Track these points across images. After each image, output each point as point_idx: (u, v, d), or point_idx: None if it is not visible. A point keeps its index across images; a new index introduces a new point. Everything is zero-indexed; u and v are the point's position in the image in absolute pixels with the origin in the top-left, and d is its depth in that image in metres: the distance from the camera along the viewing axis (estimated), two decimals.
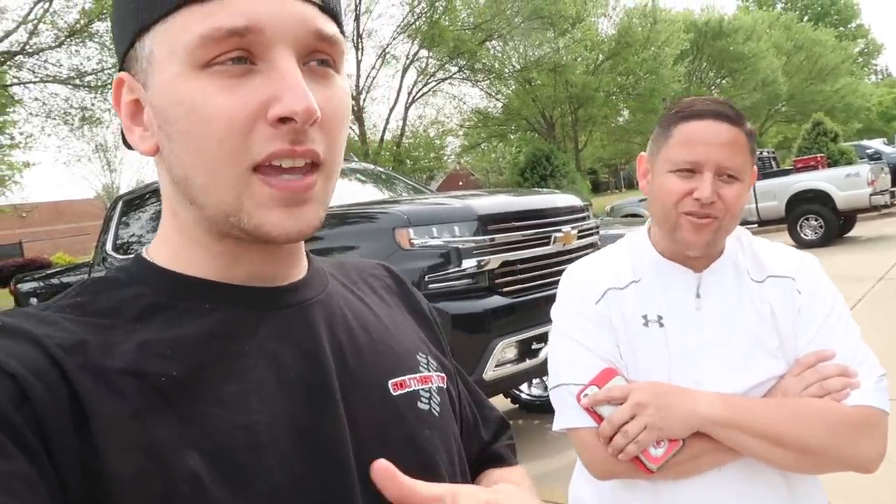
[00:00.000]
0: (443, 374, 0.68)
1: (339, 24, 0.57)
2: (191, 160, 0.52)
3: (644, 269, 1.13)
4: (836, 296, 1.11)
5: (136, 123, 0.56)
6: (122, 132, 0.64)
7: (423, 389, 0.64)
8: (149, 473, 0.45)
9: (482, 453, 0.77)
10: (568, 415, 1.07)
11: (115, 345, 0.49)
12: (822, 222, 11.25)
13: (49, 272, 6.77)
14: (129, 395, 0.47)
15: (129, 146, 0.65)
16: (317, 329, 0.58)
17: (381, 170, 6.01)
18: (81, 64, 11.27)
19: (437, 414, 0.64)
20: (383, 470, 0.47)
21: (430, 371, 0.66)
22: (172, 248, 0.57)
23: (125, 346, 0.49)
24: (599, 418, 1.03)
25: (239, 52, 0.50)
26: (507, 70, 20.86)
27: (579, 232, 3.83)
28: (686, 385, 1.03)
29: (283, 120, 0.50)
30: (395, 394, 0.61)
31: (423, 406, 0.63)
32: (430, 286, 3.20)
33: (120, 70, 0.56)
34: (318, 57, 0.54)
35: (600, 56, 21.18)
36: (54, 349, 0.46)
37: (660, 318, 1.08)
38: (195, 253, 0.56)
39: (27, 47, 10.55)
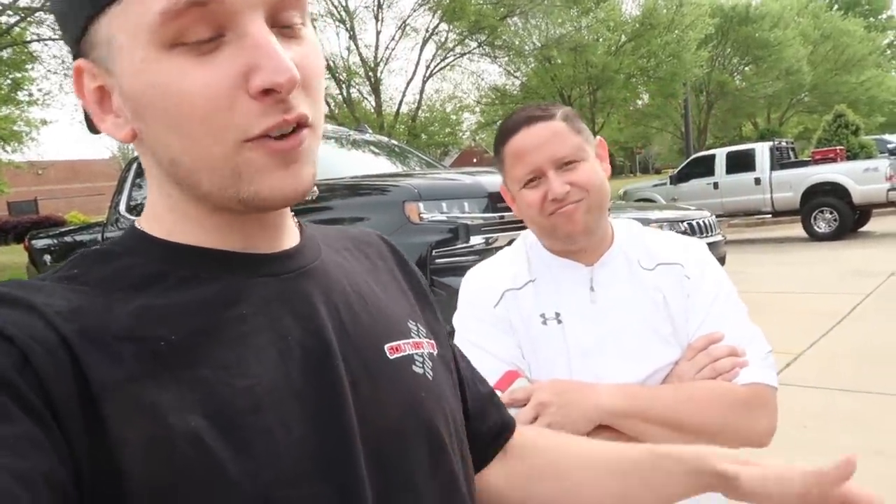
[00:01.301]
0: (433, 342, 0.69)
1: None
2: (176, 142, 0.51)
3: (539, 269, 1.15)
4: (722, 279, 1.13)
5: (105, 111, 0.54)
6: (86, 120, 0.60)
7: (416, 354, 0.65)
8: (151, 436, 0.45)
9: (495, 421, 0.79)
10: None
11: (113, 311, 0.49)
12: (836, 215, 11.13)
13: (63, 230, 6.85)
14: (127, 360, 0.47)
15: (94, 131, 0.63)
16: (313, 294, 0.59)
17: (395, 143, 6.00)
18: None
19: (430, 378, 0.65)
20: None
21: (420, 337, 0.67)
22: (165, 225, 0.57)
23: (122, 312, 0.49)
24: None
25: (204, 30, 0.48)
26: (527, 47, 20.62)
27: None
28: (587, 379, 1.05)
29: (266, 92, 0.48)
30: (391, 357, 0.62)
31: (417, 370, 0.64)
32: (438, 261, 3.22)
33: (75, 57, 0.54)
34: (286, 18, 0.51)
35: (622, 37, 20.87)
36: (52, 315, 0.46)
37: (557, 314, 1.10)
38: (189, 227, 0.56)
39: (47, 3, 10.55)
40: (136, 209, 5.58)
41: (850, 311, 5.96)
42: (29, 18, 10.66)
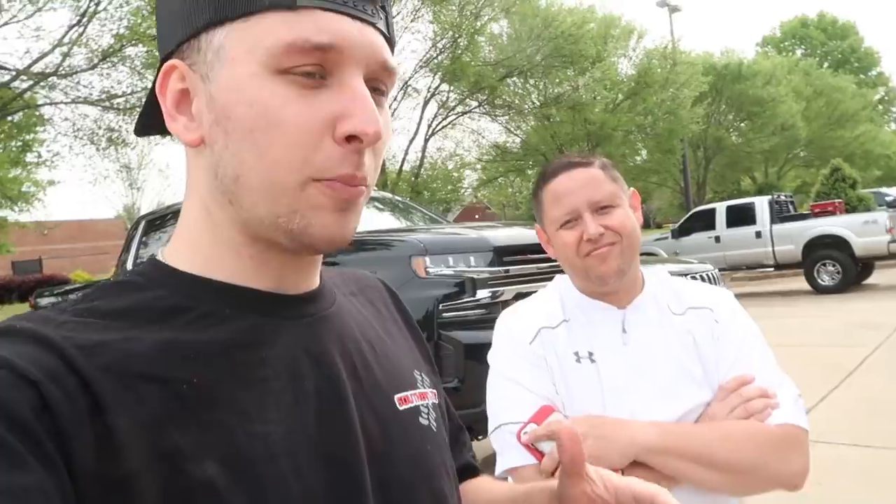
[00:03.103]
0: (435, 391, 0.69)
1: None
2: (252, 160, 0.52)
3: (572, 310, 1.19)
4: (751, 324, 1.17)
5: (180, 112, 0.55)
6: (140, 120, 0.63)
7: (422, 405, 0.65)
8: (167, 481, 0.45)
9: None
10: (509, 455, 1.09)
11: (135, 346, 0.48)
12: (839, 268, 11.15)
13: (68, 287, 6.86)
14: (149, 401, 0.46)
15: (141, 133, 0.65)
16: (330, 340, 0.59)
17: (399, 198, 6.08)
18: (112, 87, 11.56)
19: (434, 429, 0.65)
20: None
21: (424, 387, 0.67)
22: (199, 250, 0.57)
23: (145, 348, 0.49)
24: (540, 455, 1.05)
25: (314, 67, 0.51)
26: (526, 106, 21.06)
27: None
28: (620, 416, 1.07)
29: (350, 138, 0.51)
30: (401, 408, 0.62)
31: (423, 421, 0.64)
32: (445, 315, 3.22)
33: (166, 58, 0.56)
34: (378, 85, 0.56)
35: (619, 95, 21.32)
36: (72, 351, 0.45)
37: (591, 353, 1.13)
38: (223, 255, 0.56)
39: (60, 69, 10.85)
40: None
41: (858, 365, 5.90)
42: (42, 83, 10.94)
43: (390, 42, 0.57)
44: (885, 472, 3.54)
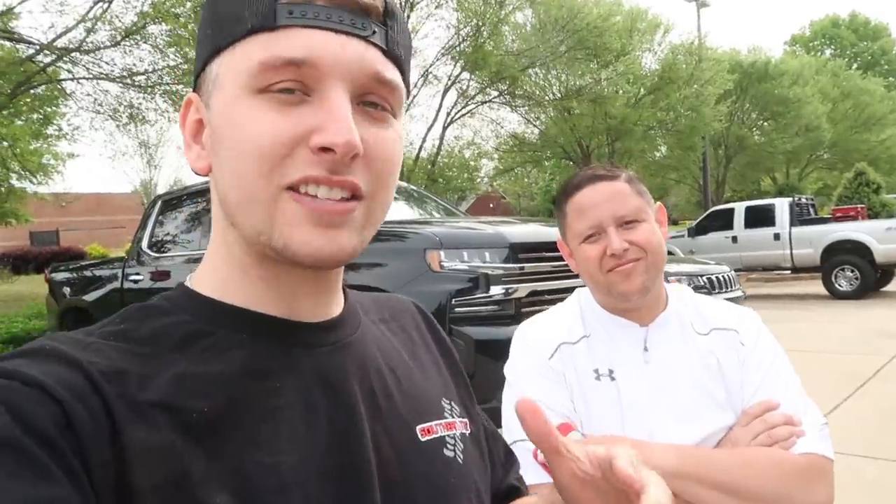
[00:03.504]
0: (465, 420, 0.68)
1: (403, 73, 0.57)
2: (230, 178, 0.53)
3: (593, 325, 1.16)
4: (776, 348, 1.14)
5: (196, 142, 0.58)
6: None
7: (448, 436, 0.64)
8: None
9: (500, 487, 0.76)
10: (525, 472, 1.06)
11: (153, 376, 0.49)
12: (858, 274, 11.01)
13: (83, 263, 6.92)
14: (161, 429, 0.47)
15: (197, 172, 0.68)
16: (349, 370, 0.58)
17: (414, 188, 6.05)
18: (134, 64, 11.57)
19: (461, 462, 0.64)
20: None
21: (454, 417, 0.66)
22: (219, 274, 0.58)
23: (162, 378, 0.50)
24: None
25: (292, 83, 0.51)
26: (547, 98, 20.91)
27: None
28: (640, 437, 1.04)
29: (324, 150, 0.51)
30: (423, 440, 0.61)
31: (448, 453, 0.63)
32: (457, 310, 3.20)
33: (193, 91, 0.59)
34: (373, 99, 0.55)
35: (642, 90, 21.12)
36: (97, 376, 0.46)
37: (611, 371, 1.10)
38: (236, 278, 0.57)
39: (83, 45, 10.88)
40: (157, 246, 5.64)
41: (874, 374, 5.82)
42: (64, 58, 10.99)
43: (391, 55, 0.56)
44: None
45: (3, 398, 0.42)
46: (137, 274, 5.57)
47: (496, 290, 3.28)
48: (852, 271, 11.08)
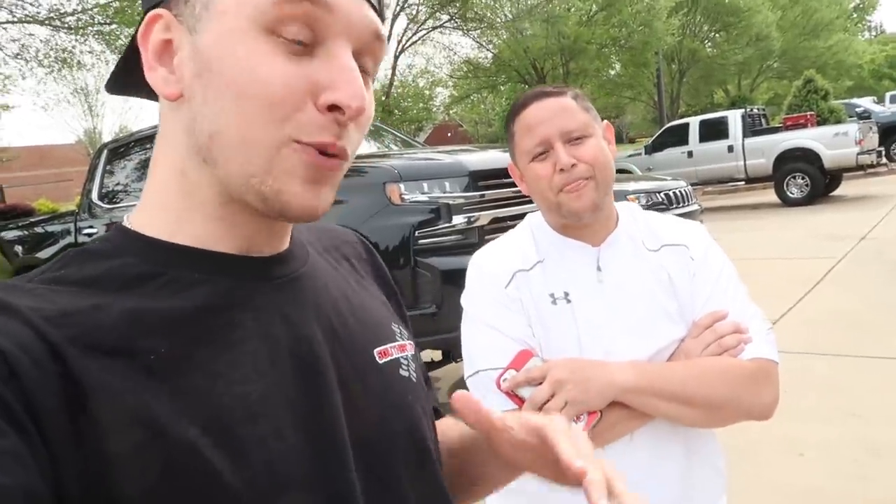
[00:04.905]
0: (412, 342, 0.70)
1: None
2: (230, 115, 0.51)
3: (546, 250, 1.17)
4: (724, 260, 1.18)
5: (161, 64, 0.54)
6: (113, 76, 0.61)
7: (402, 357, 0.65)
8: (147, 447, 0.45)
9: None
10: (489, 401, 1.09)
11: (102, 316, 0.48)
12: (808, 181, 11.32)
13: (33, 220, 6.70)
14: (120, 371, 0.46)
15: (114, 91, 0.63)
16: (305, 301, 0.59)
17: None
18: (61, 4, 10.90)
19: (414, 380, 0.66)
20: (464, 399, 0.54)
21: (403, 339, 0.68)
22: (168, 213, 0.55)
23: (113, 318, 0.48)
24: (521, 401, 1.05)
25: (302, 28, 0.50)
26: (498, 19, 20.43)
27: None
28: (597, 357, 1.07)
29: (332, 108, 0.51)
30: (380, 362, 0.63)
31: (403, 373, 0.64)
32: (420, 241, 3.21)
33: (153, 6, 0.54)
34: (366, 62, 0.55)
35: (594, 7, 20.76)
36: (40, 322, 0.45)
37: (566, 294, 1.12)
38: (193, 218, 0.55)
39: None
40: (108, 196, 5.47)
41: (823, 276, 6.09)
42: None
43: (381, 15, 0.56)
44: (849, 380, 3.72)
45: None
46: (91, 227, 5.42)
47: (458, 220, 3.29)
48: (803, 178, 11.38)
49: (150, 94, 0.59)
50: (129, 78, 0.60)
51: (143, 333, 0.48)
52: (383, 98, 18.26)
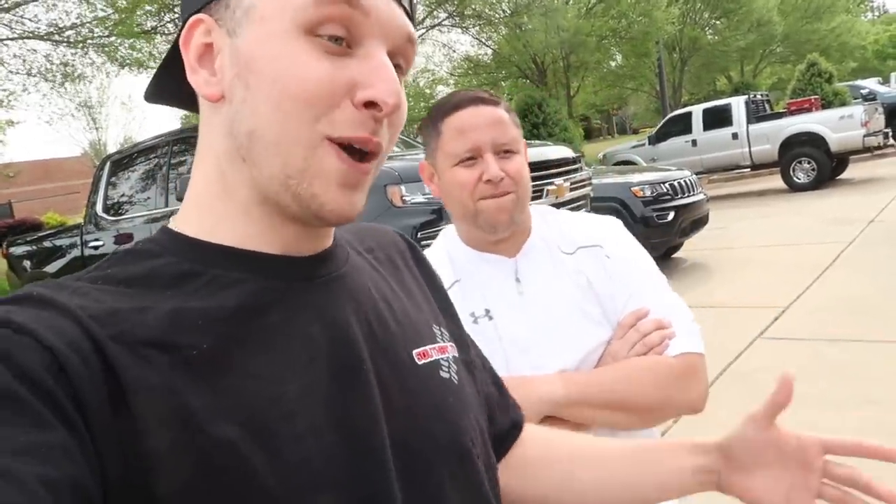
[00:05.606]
0: (454, 344, 0.70)
1: None
2: (269, 114, 0.52)
3: (462, 268, 1.15)
4: (641, 254, 1.17)
5: (202, 66, 0.56)
6: (154, 81, 0.63)
7: (442, 359, 0.66)
8: (186, 444, 0.45)
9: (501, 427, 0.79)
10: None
11: (147, 314, 0.49)
12: (814, 165, 11.23)
13: (40, 235, 6.74)
14: (160, 367, 0.47)
15: (152, 100, 0.65)
16: (345, 300, 0.59)
17: None
18: (59, 18, 10.96)
19: (456, 382, 0.66)
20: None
21: (444, 341, 0.68)
22: (209, 214, 0.57)
23: (156, 315, 0.49)
24: None
25: (340, 28, 0.52)
26: (497, 15, 20.40)
27: (571, 184, 3.82)
28: (526, 372, 1.05)
29: (368, 105, 0.52)
30: (419, 363, 0.63)
31: (444, 374, 0.64)
32: (423, 243, 3.20)
33: (194, 12, 0.56)
34: (399, 62, 0.57)
35: None
36: (87, 320, 0.46)
37: (487, 311, 1.10)
38: (233, 218, 0.56)
39: (2, 2, 10.23)
40: (113, 209, 5.49)
41: (833, 261, 6.04)
42: None
43: (412, 17, 0.58)
44: (859, 367, 3.68)
45: None
46: (97, 240, 5.45)
47: None
48: (809, 163, 11.29)
49: (187, 103, 0.62)
50: (167, 86, 0.62)
51: (185, 331, 0.49)
52: None
